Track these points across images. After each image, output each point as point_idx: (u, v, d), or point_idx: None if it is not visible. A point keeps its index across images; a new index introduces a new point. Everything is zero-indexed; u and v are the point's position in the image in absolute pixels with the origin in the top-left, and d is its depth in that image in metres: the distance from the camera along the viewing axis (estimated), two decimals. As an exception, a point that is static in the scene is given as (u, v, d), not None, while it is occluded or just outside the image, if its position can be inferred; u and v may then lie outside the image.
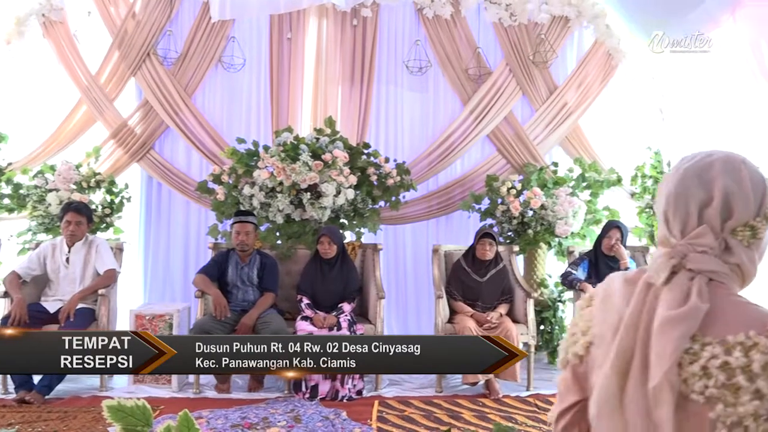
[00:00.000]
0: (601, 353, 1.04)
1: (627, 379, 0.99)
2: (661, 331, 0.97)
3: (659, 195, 1.11)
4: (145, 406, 1.81)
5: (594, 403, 1.02)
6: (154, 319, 4.16)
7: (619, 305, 1.05)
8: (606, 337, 1.04)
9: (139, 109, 5.23)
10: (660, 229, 1.11)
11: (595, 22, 5.36)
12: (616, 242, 4.38)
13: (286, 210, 4.59)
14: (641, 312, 1.01)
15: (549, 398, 4.04)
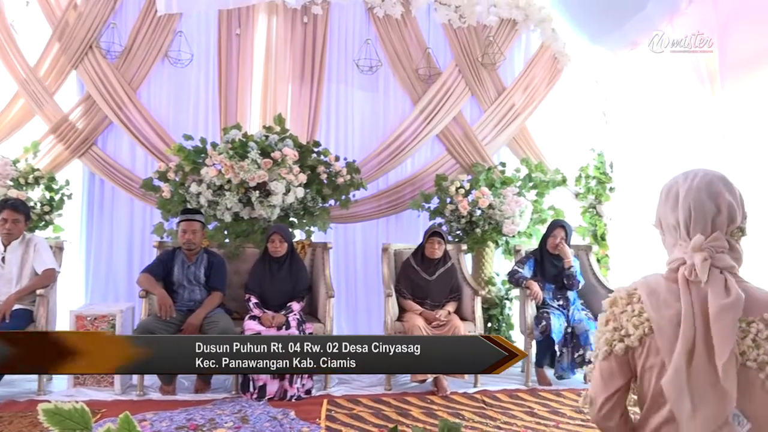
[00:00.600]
0: (663, 341, 1.29)
1: (692, 359, 1.25)
2: (718, 318, 1.24)
3: (670, 210, 1.38)
4: (83, 409, 1.75)
5: (669, 379, 1.25)
6: (95, 320, 4.04)
7: (670, 301, 1.32)
8: (665, 328, 1.30)
9: (81, 104, 5.06)
10: (671, 236, 1.40)
11: (542, 26, 5.49)
12: (561, 241, 4.49)
13: (235, 208, 4.53)
14: (692, 305, 1.28)
15: (496, 394, 4.12)
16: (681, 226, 1.36)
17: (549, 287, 4.51)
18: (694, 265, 1.30)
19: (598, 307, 4.53)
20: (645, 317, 1.33)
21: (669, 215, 1.39)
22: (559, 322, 4.26)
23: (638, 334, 1.33)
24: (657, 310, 1.32)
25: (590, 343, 4.18)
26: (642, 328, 1.33)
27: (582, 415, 3.72)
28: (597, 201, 5.46)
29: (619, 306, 1.39)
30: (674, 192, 1.39)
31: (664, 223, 1.43)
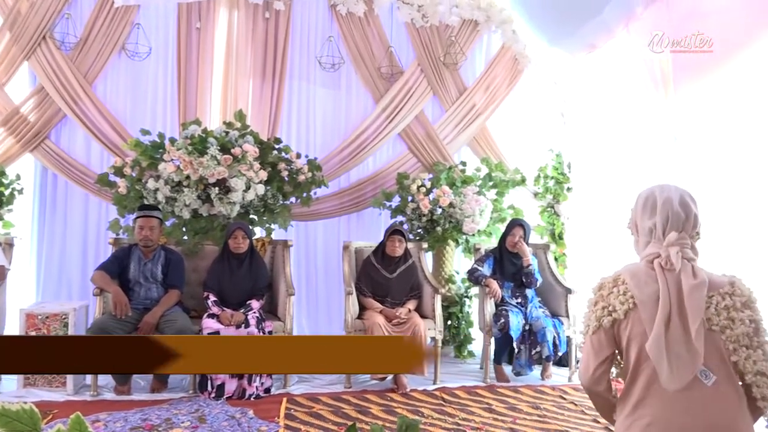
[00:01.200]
0: (646, 313, 1.62)
1: (669, 327, 1.59)
2: (690, 294, 1.60)
3: (648, 216, 1.72)
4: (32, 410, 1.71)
5: (651, 343, 1.58)
6: (47, 318, 3.93)
7: (649, 282, 1.65)
8: (647, 302, 1.63)
9: (33, 96, 4.91)
10: (645, 236, 1.73)
11: (503, 28, 5.56)
12: (519, 240, 4.56)
13: (193, 205, 4.45)
14: (668, 286, 1.62)
15: (455, 391, 4.16)
16: (658, 228, 1.69)
17: (508, 285, 4.58)
18: (669, 256, 1.64)
19: (556, 305, 4.63)
20: (630, 295, 1.65)
21: (646, 220, 1.72)
22: (517, 320, 4.33)
23: (624, 309, 1.65)
24: (639, 288, 1.65)
25: (547, 340, 4.26)
26: (627, 303, 1.65)
27: (538, 411, 3.79)
28: (555, 200, 5.56)
29: (606, 289, 1.71)
30: (652, 201, 1.71)
31: (639, 227, 1.76)
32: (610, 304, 1.67)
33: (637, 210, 1.76)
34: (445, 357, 4.84)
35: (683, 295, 1.61)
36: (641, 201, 1.75)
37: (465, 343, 5.09)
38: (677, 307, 1.60)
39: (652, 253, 1.68)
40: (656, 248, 1.68)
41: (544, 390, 4.22)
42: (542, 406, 3.88)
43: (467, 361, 5.02)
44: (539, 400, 4.00)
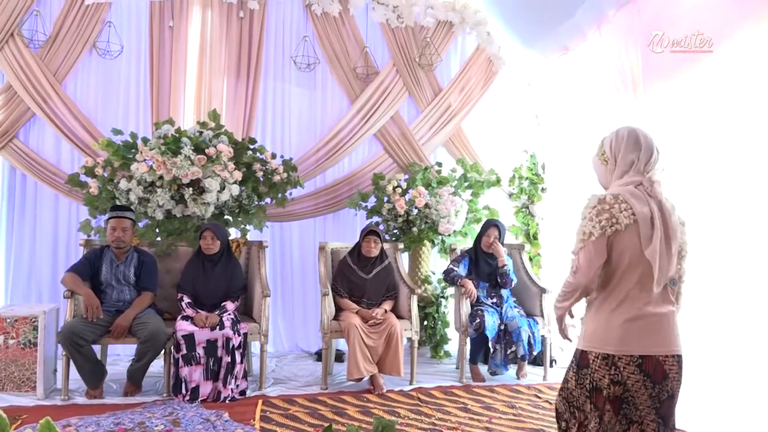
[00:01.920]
0: (644, 228, 1.92)
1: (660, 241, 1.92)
2: (671, 217, 1.97)
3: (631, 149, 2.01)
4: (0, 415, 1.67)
5: (651, 251, 1.91)
6: (17, 322, 3.84)
7: (643, 202, 1.95)
8: (646, 219, 1.92)
9: (1, 95, 4.81)
10: (622, 168, 2.02)
11: (477, 29, 5.60)
12: (494, 240, 4.59)
13: (167, 206, 4.40)
14: (653, 209, 1.94)
15: (431, 391, 4.17)
16: (641, 161, 2.00)
17: (483, 285, 4.61)
18: (652, 184, 1.98)
19: (531, 305, 4.67)
20: (631, 212, 1.92)
21: (629, 154, 2.01)
22: (492, 320, 4.36)
23: (626, 222, 1.92)
24: (640, 207, 1.93)
25: (522, 340, 4.30)
26: (630, 218, 1.92)
27: (513, 410, 3.82)
28: (530, 201, 5.61)
29: (608, 204, 1.94)
30: (635, 138, 2.03)
31: (619, 158, 2.03)
32: (614, 216, 1.92)
33: (620, 144, 2.02)
34: (421, 357, 4.86)
35: (665, 215, 1.96)
36: (625, 136, 2.03)
37: (441, 344, 5.11)
38: (662, 225, 1.94)
39: (633, 180, 1.98)
40: (637, 177, 1.98)
41: (519, 389, 4.25)
42: (518, 405, 3.91)
43: (443, 361, 5.04)
44: (515, 400, 4.03)
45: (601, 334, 1.97)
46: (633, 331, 1.91)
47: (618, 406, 1.93)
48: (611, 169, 2.06)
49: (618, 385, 1.91)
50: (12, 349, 3.83)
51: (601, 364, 1.93)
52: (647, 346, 1.91)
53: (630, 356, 1.90)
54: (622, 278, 1.96)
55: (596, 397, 1.96)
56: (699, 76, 3.70)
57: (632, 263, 1.94)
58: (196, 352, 3.83)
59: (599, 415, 1.95)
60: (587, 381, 1.97)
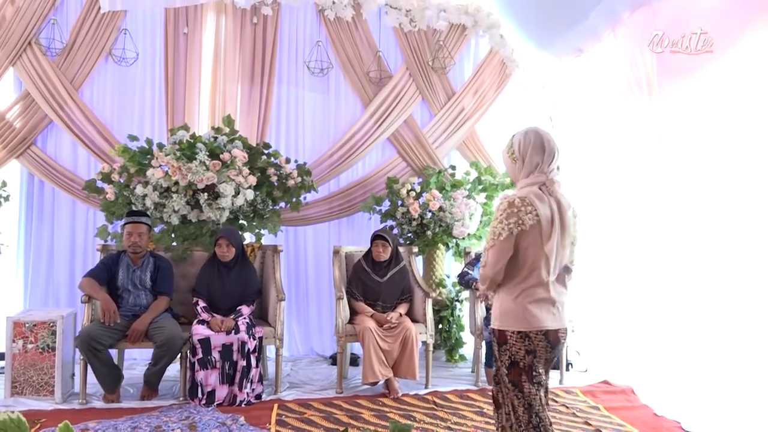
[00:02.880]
0: (545, 227, 2.22)
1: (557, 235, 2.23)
2: (566, 214, 2.25)
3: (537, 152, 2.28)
4: (20, 419, 1.69)
5: (550, 246, 2.22)
6: (35, 326, 3.88)
7: (545, 204, 2.23)
8: (547, 219, 2.22)
9: (19, 102, 4.87)
10: (528, 168, 2.29)
11: (490, 32, 5.59)
12: None
13: (182, 211, 4.43)
14: (553, 208, 2.23)
15: (446, 395, 4.15)
16: (544, 163, 2.28)
17: None
18: (553, 183, 2.26)
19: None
20: (535, 213, 2.21)
21: (535, 156, 2.28)
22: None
23: (530, 223, 2.21)
24: (543, 209, 2.22)
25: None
26: (534, 219, 2.21)
27: (530, 413, 3.79)
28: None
29: (516, 207, 2.21)
30: (540, 142, 2.29)
31: (527, 160, 2.29)
32: (521, 219, 2.21)
33: (527, 147, 2.29)
34: (436, 361, 4.83)
35: (562, 214, 2.25)
36: (531, 140, 2.30)
37: (456, 347, 5.10)
38: (561, 223, 2.25)
39: (538, 181, 2.26)
40: (541, 178, 2.26)
41: (535, 393, 4.22)
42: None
43: (459, 365, 5.02)
44: (530, 403, 4.00)
45: (513, 316, 2.29)
46: (538, 311, 2.27)
47: (530, 374, 2.28)
48: (519, 168, 2.34)
49: (530, 354, 2.28)
50: (31, 353, 3.87)
51: (517, 339, 2.28)
52: (550, 322, 2.28)
53: (539, 330, 2.27)
54: (526, 269, 2.27)
55: (513, 372, 2.29)
56: (714, 77, 3.66)
57: (535, 256, 2.25)
58: (211, 356, 3.84)
59: (519, 390, 2.29)
60: (506, 356, 2.31)
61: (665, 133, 4.08)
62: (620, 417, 3.75)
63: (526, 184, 2.28)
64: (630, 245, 4.53)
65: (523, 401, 2.28)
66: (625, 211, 4.58)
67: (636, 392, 4.21)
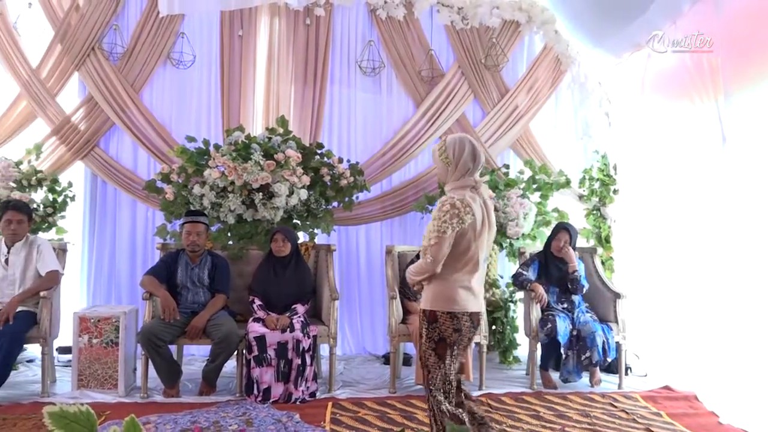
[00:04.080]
0: (477, 224, 2.54)
1: (485, 232, 2.60)
2: (491, 212, 2.62)
3: (469, 157, 2.57)
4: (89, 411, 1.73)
5: (481, 240, 2.59)
6: (99, 322, 4.02)
7: (477, 204, 2.56)
8: (480, 219, 2.56)
9: (83, 105, 5.05)
10: (460, 172, 2.57)
11: (545, 28, 5.48)
12: (565, 244, 4.46)
13: (238, 210, 4.51)
14: (483, 209, 2.59)
15: (501, 397, 4.10)
16: (474, 167, 2.59)
17: (553, 290, 4.49)
18: (479, 186, 2.60)
19: (604, 310, 4.53)
20: (472, 213, 2.52)
21: (469, 162, 2.57)
22: (564, 325, 4.24)
23: (469, 221, 2.51)
24: (476, 209, 2.55)
25: (597, 345, 4.16)
26: (471, 218, 2.52)
27: (588, 419, 3.70)
28: (601, 203, 5.44)
29: (458, 208, 2.49)
30: (472, 149, 2.59)
31: (460, 163, 2.57)
32: (462, 218, 2.50)
33: (461, 154, 2.57)
34: (489, 362, 4.77)
35: (489, 213, 2.62)
36: (466, 148, 2.58)
37: (510, 349, 5.02)
38: (488, 220, 2.62)
39: (468, 184, 2.58)
40: (470, 182, 2.58)
41: (593, 397, 4.12)
42: (592, 413, 3.79)
43: (512, 366, 4.95)
44: (589, 408, 3.90)
45: (445, 299, 2.60)
46: (465, 296, 2.59)
47: (453, 350, 2.61)
48: (451, 171, 2.61)
49: (457, 332, 2.59)
50: (95, 348, 4.01)
51: (447, 318, 2.59)
52: (473, 306, 2.62)
53: (465, 312, 2.59)
54: (460, 260, 2.58)
55: (440, 347, 2.61)
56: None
57: (468, 249, 2.57)
58: (267, 353, 3.90)
59: (442, 361, 2.61)
60: (436, 333, 2.61)
61: (732, 132, 3.91)
62: (683, 424, 3.62)
63: (457, 186, 2.58)
64: (692, 247, 4.37)
65: (443, 371, 2.62)
66: (687, 213, 4.41)
67: (700, 399, 4.06)
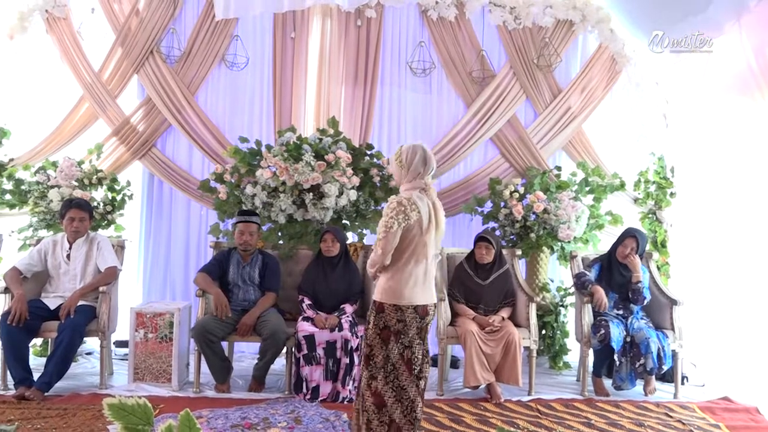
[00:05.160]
0: (424, 221, 2.75)
1: (431, 229, 2.81)
2: (439, 211, 2.86)
3: (420, 162, 2.83)
4: (146, 404, 1.78)
5: (428, 237, 2.80)
6: (155, 317, 4.13)
7: (424, 203, 2.78)
8: (425, 215, 2.76)
9: (142, 107, 5.21)
10: (413, 174, 2.83)
11: (599, 27, 5.35)
12: (631, 252, 4.29)
13: (289, 210, 4.57)
14: (431, 208, 2.81)
15: (551, 403, 4.02)
16: (425, 171, 2.84)
17: (612, 296, 4.35)
18: (429, 188, 2.86)
19: (660, 317, 4.40)
20: (418, 211, 2.75)
21: (420, 166, 2.82)
22: (618, 331, 4.12)
23: (414, 218, 2.75)
24: (423, 207, 2.77)
25: (651, 352, 4.03)
26: (417, 215, 2.75)
27: (642, 428, 3.60)
28: (657, 206, 5.28)
29: (404, 206, 2.74)
30: (424, 155, 2.84)
31: (412, 167, 2.83)
32: (407, 215, 2.73)
33: (413, 159, 2.83)
34: (539, 368, 4.69)
35: (437, 212, 2.84)
36: (418, 153, 2.84)
37: (560, 354, 4.92)
38: (436, 219, 2.82)
39: (418, 185, 2.82)
40: (421, 183, 2.83)
41: (647, 406, 3.99)
42: (646, 423, 3.68)
43: (563, 372, 4.85)
44: (643, 417, 3.79)
45: (391, 293, 2.82)
46: (412, 290, 2.81)
47: (397, 336, 2.82)
48: (404, 173, 2.86)
49: (401, 322, 2.82)
50: (151, 342, 4.12)
51: (392, 310, 2.82)
52: (420, 299, 2.84)
53: (409, 305, 2.81)
54: (406, 255, 2.80)
55: (385, 333, 2.84)
56: None
57: (415, 245, 2.79)
58: (316, 352, 3.93)
59: (385, 345, 2.83)
60: (381, 322, 2.84)
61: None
62: (744, 437, 3.48)
63: (409, 187, 2.84)
64: (756, 252, 4.19)
65: (385, 353, 2.83)
66: (751, 217, 4.24)
67: (762, 412, 3.89)
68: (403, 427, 2.83)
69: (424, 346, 2.90)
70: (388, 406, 2.83)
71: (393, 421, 2.83)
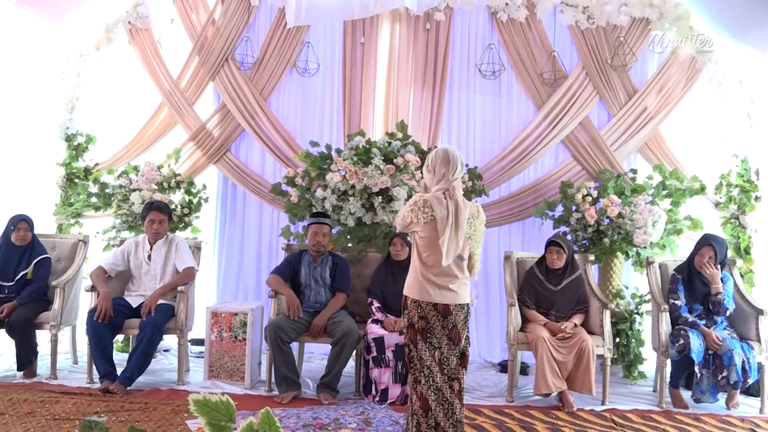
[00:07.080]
0: (440, 224, 2.82)
1: (450, 230, 2.81)
2: (461, 214, 2.84)
3: (443, 165, 2.89)
4: (229, 401, 1.83)
5: (443, 239, 2.80)
6: (229, 317, 4.25)
7: (443, 206, 2.83)
8: (444, 216, 2.82)
9: (217, 113, 5.39)
10: (437, 176, 2.90)
11: (678, 24, 5.14)
12: (708, 262, 4.09)
13: (358, 213, 4.62)
14: (450, 208, 2.84)
15: (626, 414, 3.89)
16: (449, 173, 2.88)
17: (697, 308, 4.15)
18: (453, 189, 2.87)
19: (744, 327, 4.20)
20: (431, 213, 2.84)
21: (443, 169, 2.88)
22: (698, 341, 3.94)
23: (424, 220, 2.85)
24: (439, 209, 2.83)
25: (735, 364, 3.83)
26: (429, 217, 2.84)
27: (726, 442, 3.43)
28: (740, 211, 5.02)
29: (417, 206, 2.86)
30: (446, 158, 2.89)
31: (436, 169, 2.90)
32: (417, 215, 2.85)
33: (437, 161, 2.91)
34: (613, 377, 4.54)
35: (458, 213, 2.83)
36: (440, 156, 2.91)
37: (635, 363, 4.75)
38: (453, 221, 2.82)
39: (443, 187, 2.87)
40: (445, 185, 2.87)
41: (730, 420, 3.81)
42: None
43: (638, 382, 4.68)
44: (726, 432, 3.62)
45: (413, 287, 2.94)
46: (429, 287, 2.89)
47: (424, 335, 2.90)
48: (431, 177, 2.94)
49: (423, 319, 2.90)
50: (225, 341, 4.25)
51: (412, 305, 2.93)
52: (437, 298, 2.89)
53: (428, 302, 2.89)
54: (425, 255, 2.90)
55: (411, 331, 2.94)
56: None
57: (432, 246, 2.86)
58: (385, 354, 3.95)
59: (414, 345, 2.92)
60: (407, 318, 2.95)
61: None
62: (840, 458, 3.26)
63: (436, 189, 2.90)
64: None
65: (417, 354, 2.91)
66: None
67: None
68: (447, 430, 2.86)
69: (456, 348, 2.92)
70: (432, 409, 2.88)
71: (438, 425, 2.86)
